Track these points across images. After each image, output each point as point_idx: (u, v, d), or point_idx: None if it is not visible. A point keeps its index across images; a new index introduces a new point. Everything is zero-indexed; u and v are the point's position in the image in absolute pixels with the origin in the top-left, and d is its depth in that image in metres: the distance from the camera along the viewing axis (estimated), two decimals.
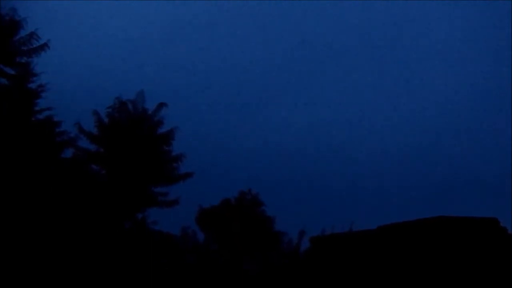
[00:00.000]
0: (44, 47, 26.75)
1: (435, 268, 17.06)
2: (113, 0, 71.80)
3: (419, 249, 17.59)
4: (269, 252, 28.85)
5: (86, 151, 30.45)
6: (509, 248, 17.15)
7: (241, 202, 33.09)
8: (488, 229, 17.28)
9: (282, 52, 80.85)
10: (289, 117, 73.55)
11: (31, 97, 26.27)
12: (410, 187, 59.27)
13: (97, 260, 24.69)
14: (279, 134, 68.60)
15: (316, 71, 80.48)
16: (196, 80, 73.42)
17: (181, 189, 31.23)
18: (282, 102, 75.43)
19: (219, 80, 75.26)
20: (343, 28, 79.73)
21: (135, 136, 30.87)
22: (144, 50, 76.90)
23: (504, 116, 68.76)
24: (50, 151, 26.34)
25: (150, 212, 30.64)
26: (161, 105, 31.66)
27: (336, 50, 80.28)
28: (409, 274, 17.45)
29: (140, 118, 31.46)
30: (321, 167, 64.14)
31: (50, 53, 26.93)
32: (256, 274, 25.47)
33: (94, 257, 24.55)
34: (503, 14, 71.23)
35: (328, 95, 78.20)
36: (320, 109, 76.10)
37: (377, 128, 75.06)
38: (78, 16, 67.30)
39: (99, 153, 30.85)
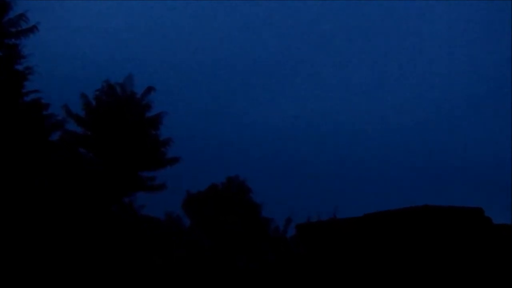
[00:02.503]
0: (33, 29, 26.44)
1: (419, 256, 17.20)
2: None
3: (403, 238, 17.72)
4: (256, 238, 28.96)
5: (74, 134, 30.34)
6: (492, 238, 17.34)
7: (228, 188, 33.15)
8: (473, 218, 17.43)
9: (272, 41, 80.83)
10: (277, 104, 73.68)
11: (19, 79, 26.05)
12: (397, 175, 59.69)
13: (84, 244, 24.68)
14: (266, 122, 68.76)
15: (308, 58, 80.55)
16: (184, 67, 73.32)
17: (169, 175, 31.32)
18: (270, 90, 75.54)
19: (208, 67, 75.21)
20: (342, 14, 79.78)
21: (123, 120, 30.75)
22: (132, 38, 76.75)
23: (498, 109, 69.41)
24: (38, 134, 26.19)
25: (137, 196, 30.71)
26: (150, 89, 31.60)
27: (330, 37, 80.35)
28: (393, 261, 17.59)
29: (128, 101, 31.33)
30: (307, 154, 64.40)
31: (38, 36, 26.73)
32: (244, 261, 25.55)
33: (80, 240, 24.53)
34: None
35: (316, 83, 78.33)
36: (309, 97, 76.27)
37: (365, 116, 75.35)
38: (66, 4, 66.88)
39: (87, 136, 30.74)
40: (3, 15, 26.15)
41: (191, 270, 24.31)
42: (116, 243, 25.47)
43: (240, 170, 37.32)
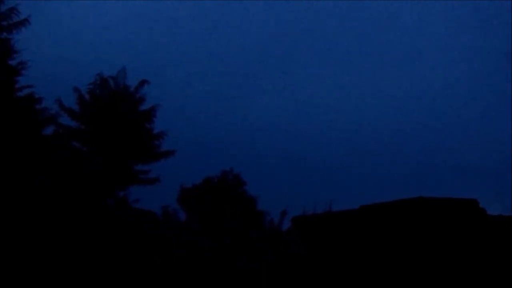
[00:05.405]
0: (24, 22, 26.25)
1: (414, 246, 17.27)
2: None
3: (398, 229, 17.78)
4: (254, 235, 29.00)
5: (67, 128, 30.28)
6: (487, 229, 17.41)
7: (223, 182, 33.17)
8: (468, 210, 17.49)
9: (264, 33, 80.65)
10: (271, 97, 73.59)
11: (12, 74, 25.90)
12: (392, 168, 59.80)
13: (79, 238, 24.59)
14: (261, 114, 68.66)
15: (301, 51, 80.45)
16: (178, 59, 73.11)
17: (164, 168, 31.36)
18: (264, 82, 75.42)
19: (202, 59, 75.02)
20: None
21: (117, 113, 30.75)
22: (124, 28, 76.33)
23: (492, 105, 69.67)
24: (32, 129, 26.07)
25: (132, 190, 30.70)
26: (143, 82, 31.65)
27: (322, 31, 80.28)
28: (388, 253, 17.65)
29: (122, 95, 31.36)
30: (302, 147, 64.43)
31: (30, 29, 26.58)
32: (244, 261, 25.57)
33: (76, 235, 24.45)
34: None
35: (311, 76, 78.29)
36: (303, 89, 76.29)
37: (360, 109, 75.46)
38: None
39: (81, 130, 30.69)
40: None
41: (191, 270, 24.31)
42: (115, 242, 25.36)
43: (233, 162, 37.31)
